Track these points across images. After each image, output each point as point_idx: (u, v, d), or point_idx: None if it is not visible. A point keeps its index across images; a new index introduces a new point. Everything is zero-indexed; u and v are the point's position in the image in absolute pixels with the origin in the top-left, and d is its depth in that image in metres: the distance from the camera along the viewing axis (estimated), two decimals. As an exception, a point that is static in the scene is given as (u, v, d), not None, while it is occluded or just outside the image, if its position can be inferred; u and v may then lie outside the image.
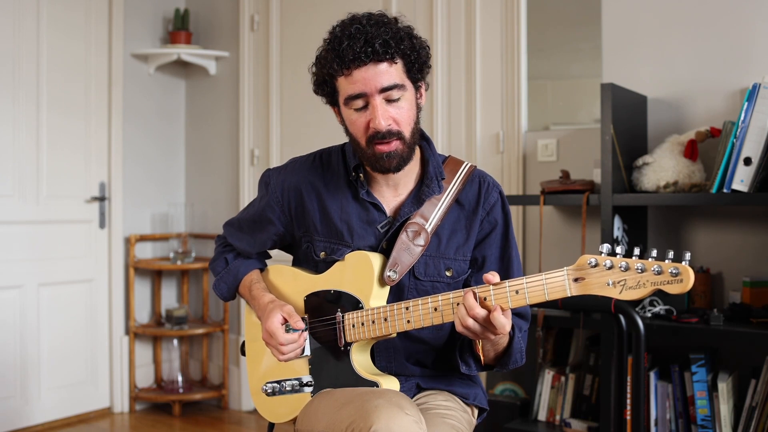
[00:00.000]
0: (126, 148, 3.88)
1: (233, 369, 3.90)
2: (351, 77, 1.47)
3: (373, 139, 1.50)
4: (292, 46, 3.71)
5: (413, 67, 1.52)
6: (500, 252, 1.62)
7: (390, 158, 1.51)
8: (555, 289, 1.33)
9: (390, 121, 1.49)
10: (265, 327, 1.57)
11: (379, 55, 1.45)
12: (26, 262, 3.48)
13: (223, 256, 1.80)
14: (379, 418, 1.32)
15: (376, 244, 1.59)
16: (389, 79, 1.48)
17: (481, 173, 1.66)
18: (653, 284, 1.24)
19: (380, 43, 1.45)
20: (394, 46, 1.47)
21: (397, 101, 1.50)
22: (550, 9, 3.00)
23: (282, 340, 1.55)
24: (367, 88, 1.47)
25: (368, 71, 1.46)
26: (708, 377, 2.31)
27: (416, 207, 1.58)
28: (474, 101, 3.11)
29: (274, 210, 1.69)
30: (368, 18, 1.49)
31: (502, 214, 1.63)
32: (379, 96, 1.48)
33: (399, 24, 1.52)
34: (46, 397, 3.54)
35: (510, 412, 2.71)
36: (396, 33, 1.48)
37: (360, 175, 1.61)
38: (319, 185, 1.66)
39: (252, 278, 1.74)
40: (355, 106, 1.50)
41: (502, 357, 1.55)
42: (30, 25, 3.48)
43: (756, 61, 2.49)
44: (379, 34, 1.46)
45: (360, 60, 1.45)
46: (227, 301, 1.81)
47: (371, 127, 1.49)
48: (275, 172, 1.73)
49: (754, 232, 2.50)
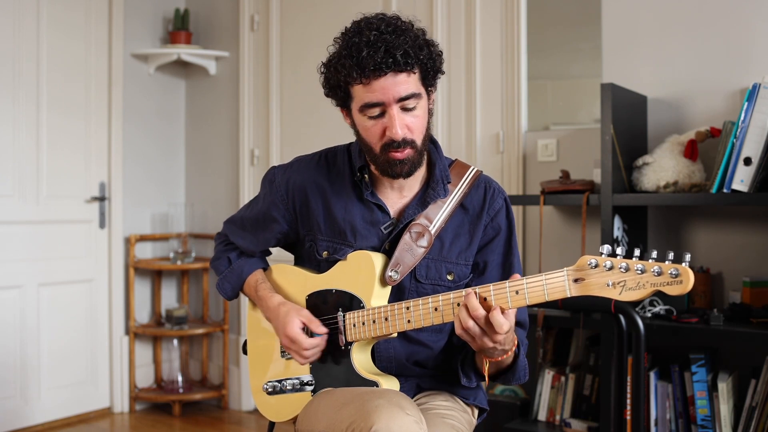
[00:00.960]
0: (126, 148, 3.88)
1: (233, 369, 3.90)
2: (369, 86, 1.46)
3: (387, 147, 1.50)
4: (292, 46, 3.72)
5: (429, 75, 1.52)
6: (502, 258, 1.62)
7: (402, 165, 1.52)
8: (555, 290, 1.33)
9: (406, 130, 1.49)
10: (286, 333, 1.57)
11: (400, 66, 1.45)
12: (26, 262, 3.48)
13: (225, 255, 1.79)
14: (380, 418, 1.32)
15: (378, 244, 1.59)
16: (407, 89, 1.47)
17: (487, 179, 1.66)
18: (653, 285, 1.24)
19: (402, 54, 1.44)
20: (413, 57, 1.46)
21: (413, 110, 1.50)
22: (550, 9, 3.00)
23: (306, 346, 1.56)
24: (386, 97, 1.47)
25: (387, 81, 1.45)
26: (708, 377, 2.31)
27: (421, 209, 1.58)
28: (474, 101, 3.11)
29: (279, 208, 1.69)
30: (386, 24, 1.48)
31: (506, 220, 1.63)
32: (396, 105, 1.48)
33: (415, 30, 1.51)
34: (46, 397, 3.54)
35: (510, 412, 2.71)
36: (415, 41, 1.48)
37: (365, 176, 1.61)
38: (324, 185, 1.66)
39: (257, 278, 1.73)
40: (371, 113, 1.50)
41: (506, 373, 1.55)
42: (30, 25, 3.48)
43: (756, 61, 2.49)
44: (399, 44, 1.44)
45: (381, 70, 1.44)
46: (231, 300, 1.81)
47: (387, 135, 1.49)
48: (280, 170, 1.72)
49: (754, 232, 2.50)
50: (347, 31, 1.51)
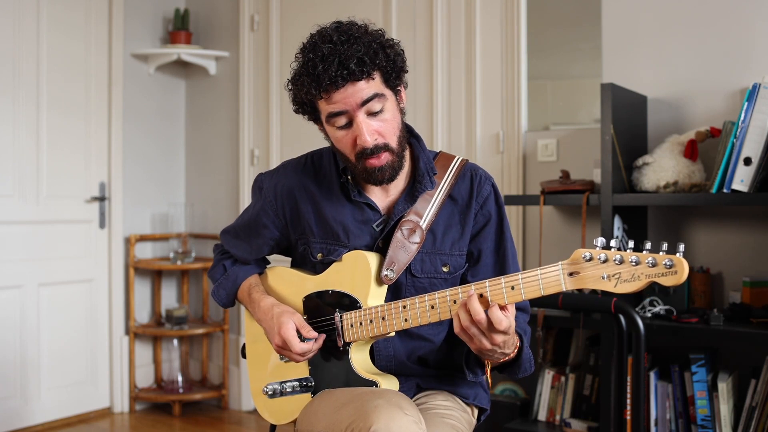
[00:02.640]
0: (126, 148, 3.88)
1: (233, 369, 3.90)
2: (330, 99, 1.46)
3: (362, 155, 1.50)
4: (292, 46, 3.68)
5: (390, 77, 1.51)
6: (495, 244, 1.62)
7: (382, 171, 1.51)
8: (550, 284, 1.32)
9: (375, 135, 1.49)
10: (280, 333, 1.56)
11: (355, 75, 1.44)
12: (26, 262, 3.48)
13: (221, 263, 1.80)
14: (379, 419, 1.32)
15: (372, 243, 1.59)
16: (368, 92, 1.47)
17: (473, 166, 1.66)
18: (648, 276, 1.23)
19: (355, 63, 1.43)
20: (369, 63, 1.45)
21: (380, 113, 1.49)
22: (550, 9, 3.00)
23: (297, 350, 1.55)
24: (348, 105, 1.46)
25: (347, 91, 1.45)
26: (708, 377, 2.31)
27: (410, 204, 1.58)
28: (474, 101, 3.11)
29: (269, 214, 1.69)
30: (339, 33, 1.47)
31: (496, 206, 1.63)
32: (360, 111, 1.47)
33: (370, 34, 1.49)
34: (46, 397, 3.54)
35: (510, 412, 2.71)
36: (369, 47, 1.46)
37: (349, 177, 1.61)
38: (312, 188, 1.66)
39: (250, 282, 1.73)
40: (338, 123, 1.50)
41: (512, 366, 1.54)
42: (30, 25, 3.48)
43: (756, 61, 2.49)
44: (352, 54, 1.43)
45: (336, 84, 1.44)
46: (227, 307, 1.80)
47: (358, 144, 1.49)
48: (267, 177, 1.72)
49: (754, 232, 2.50)
50: (305, 47, 1.50)
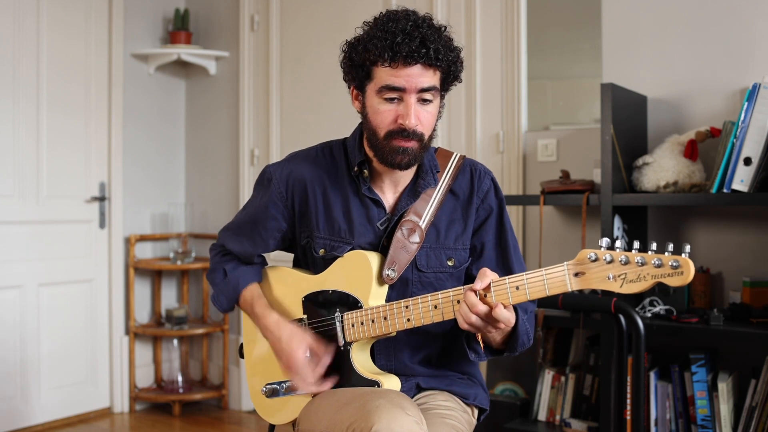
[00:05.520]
0: (126, 148, 3.88)
1: (233, 369, 3.90)
2: (396, 71, 1.48)
3: (394, 134, 1.51)
4: (292, 46, 3.71)
5: (448, 79, 1.56)
6: (497, 237, 1.64)
7: (405, 154, 1.52)
8: (555, 284, 1.33)
9: (418, 121, 1.51)
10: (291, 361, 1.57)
11: (431, 59, 1.48)
12: (26, 262, 3.48)
13: (221, 267, 1.75)
14: (380, 419, 1.32)
15: (376, 241, 1.60)
16: (429, 82, 1.50)
17: (472, 162, 1.69)
18: (654, 277, 1.23)
19: (434, 49, 1.48)
20: (443, 55, 1.50)
21: (429, 104, 1.52)
22: (550, 9, 3.00)
23: (310, 380, 1.56)
24: (409, 85, 1.49)
25: (414, 70, 1.48)
26: (708, 377, 2.31)
27: (412, 200, 1.60)
28: (474, 101, 3.11)
29: (277, 205, 1.68)
30: (423, 19, 1.51)
31: (496, 199, 1.66)
32: (415, 95, 1.50)
33: (448, 35, 1.55)
34: (46, 397, 3.54)
35: (510, 412, 2.71)
36: (447, 43, 1.52)
37: (364, 170, 1.62)
38: (323, 179, 1.66)
39: (253, 294, 1.70)
40: (388, 96, 1.51)
41: (509, 341, 1.55)
42: (30, 25, 3.48)
43: (756, 61, 2.49)
44: (434, 40, 1.48)
45: (412, 59, 1.47)
46: (227, 312, 1.79)
47: (399, 122, 1.51)
48: (278, 167, 1.71)
49: (754, 232, 2.50)
50: (381, 17, 1.53)
